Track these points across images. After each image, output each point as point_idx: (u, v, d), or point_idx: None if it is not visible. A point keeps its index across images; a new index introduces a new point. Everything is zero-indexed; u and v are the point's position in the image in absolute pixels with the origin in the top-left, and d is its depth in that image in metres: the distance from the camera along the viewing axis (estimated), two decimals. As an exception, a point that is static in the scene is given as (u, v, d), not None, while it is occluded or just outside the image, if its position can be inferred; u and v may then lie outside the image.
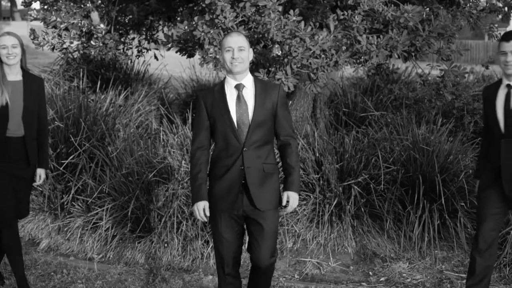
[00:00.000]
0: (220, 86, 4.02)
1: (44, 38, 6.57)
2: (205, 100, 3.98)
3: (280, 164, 4.13)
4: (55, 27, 6.52)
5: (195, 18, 5.57)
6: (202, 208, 3.93)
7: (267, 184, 3.95)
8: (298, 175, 4.04)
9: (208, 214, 3.94)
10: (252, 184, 3.91)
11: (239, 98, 3.94)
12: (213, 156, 4.02)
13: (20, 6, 19.81)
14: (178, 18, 7.08)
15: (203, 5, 5.48)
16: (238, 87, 3.96)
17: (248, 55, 3.97)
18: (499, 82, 4.41)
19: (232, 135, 3.91)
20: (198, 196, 3.94)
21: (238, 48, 3.91)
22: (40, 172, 4.81)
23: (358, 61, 5.86)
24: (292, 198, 3.96)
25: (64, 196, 5.86)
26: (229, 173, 3.92)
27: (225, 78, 4.02)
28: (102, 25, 6.85)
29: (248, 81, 4.00)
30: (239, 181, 3.92)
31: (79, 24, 6.52)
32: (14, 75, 4.74)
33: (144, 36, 7.60)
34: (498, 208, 4.37)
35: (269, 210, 3.95)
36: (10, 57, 4.65)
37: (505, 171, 4.29)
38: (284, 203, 3.97)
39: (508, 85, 4.31)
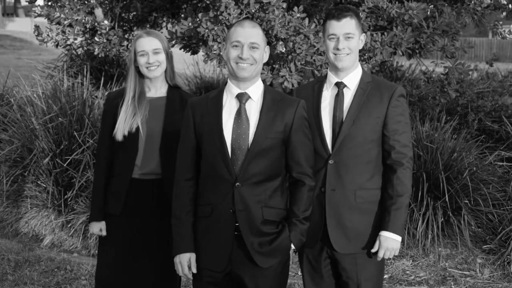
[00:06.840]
0: (216, 94, 2.99)
1: (48, 35, 6.58)
2: (194, 110, 2.96)
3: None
4: (59, 23, 6.53)
5: (199, 15, 5.57)
6: (186, 262, 2.92)
7: (269, 237, 2.89)
8: (302, 231, 2.94)
9: (195, 270, 2.93)
10: (246, 235, 2.86)
11: (240, 113, 2.90)
12: (198, 189, 3.00)
13: (24, 3, 19.84)
14: (182, 15, 7.09)
15: (207, 2, 5.48)
16: (241, 98, 2.92)
17: (262, 55, 2.93)
18: (320, 80, 3.22)
19: (222, 163, 2.85)
20: (181, 245, 2.93)
21: (250, 44, 2.87)
22: None
23: (362, 58, 5.87)
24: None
25: (67, 192, 5.87)
26: (214, 216, 2.89)
27: (226, 83, 3.00)
28: (106, 22, 6.83)
29: (255, 90, 2.95)
30: (228, 229, 2.87)
31: (83, 21, 6.52)
32: (155, 90, 3.42)
33: (147, 33, 7.62)
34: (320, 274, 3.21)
35: (269, 268, 2.91)
36: (151, 67, 3.31)
37: (331, 209, 3.07)
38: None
39: (338, 84, 3.10)
